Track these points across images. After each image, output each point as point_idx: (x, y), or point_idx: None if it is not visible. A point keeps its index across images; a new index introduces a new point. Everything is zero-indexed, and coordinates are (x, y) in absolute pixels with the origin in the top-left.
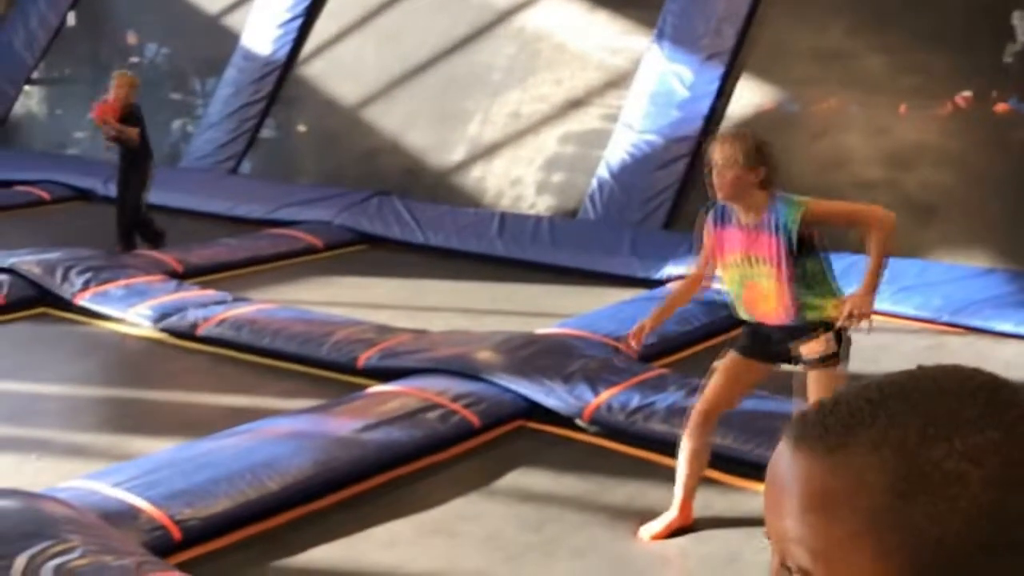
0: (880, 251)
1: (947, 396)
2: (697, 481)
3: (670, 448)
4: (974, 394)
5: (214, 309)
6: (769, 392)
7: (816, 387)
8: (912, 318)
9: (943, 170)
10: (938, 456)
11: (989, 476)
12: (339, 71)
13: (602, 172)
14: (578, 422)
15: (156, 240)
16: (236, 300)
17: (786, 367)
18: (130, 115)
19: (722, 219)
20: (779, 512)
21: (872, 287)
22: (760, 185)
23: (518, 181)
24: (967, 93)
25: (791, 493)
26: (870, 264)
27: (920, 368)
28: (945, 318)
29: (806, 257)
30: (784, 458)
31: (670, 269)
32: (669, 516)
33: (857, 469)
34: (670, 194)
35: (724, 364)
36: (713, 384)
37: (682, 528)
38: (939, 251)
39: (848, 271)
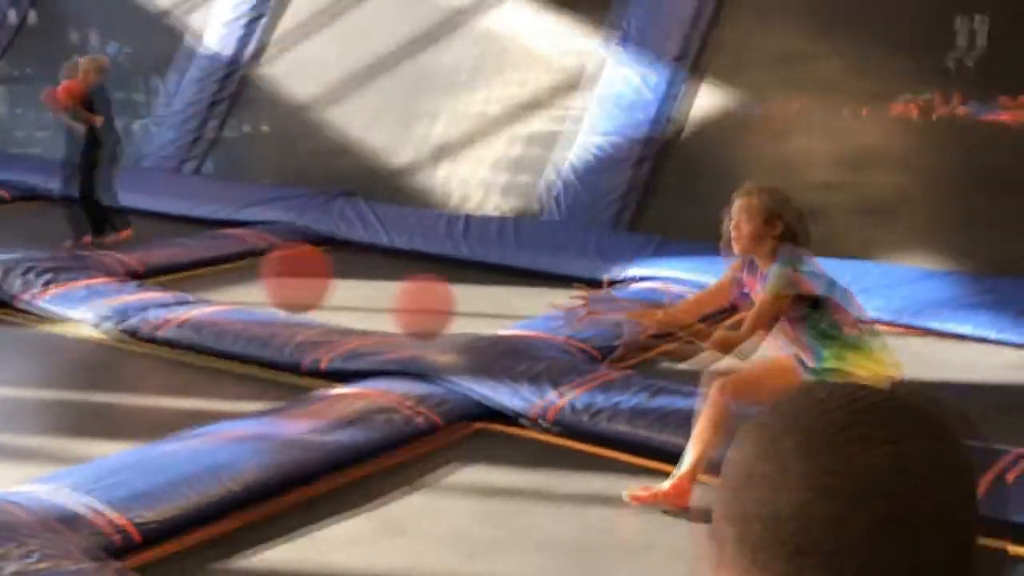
0: (742, 334)
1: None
2: (702, 460)
3: (632, 447)
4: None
5: (174, 310)
6: None
7: None
8: (868, 321)
9: (900, 172)
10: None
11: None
12: (301, 71)
13: (564, 173)
14: (539, 422)
15: (103, 230)
16: (196, 301)
17: None
18: (91, 103)
19: (751, 267)
20: None
21: (709, 337)
22: (778, 239)
23: (477, 182)
24: (925, 96)
25: None
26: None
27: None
28: (902, 319)
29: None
30: None
31: (628, 270)
32: (658, 487)
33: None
34: (632, 196)
35: (780, 358)
36: (756, 367)
37: (674, 507)
38: (893, 252)
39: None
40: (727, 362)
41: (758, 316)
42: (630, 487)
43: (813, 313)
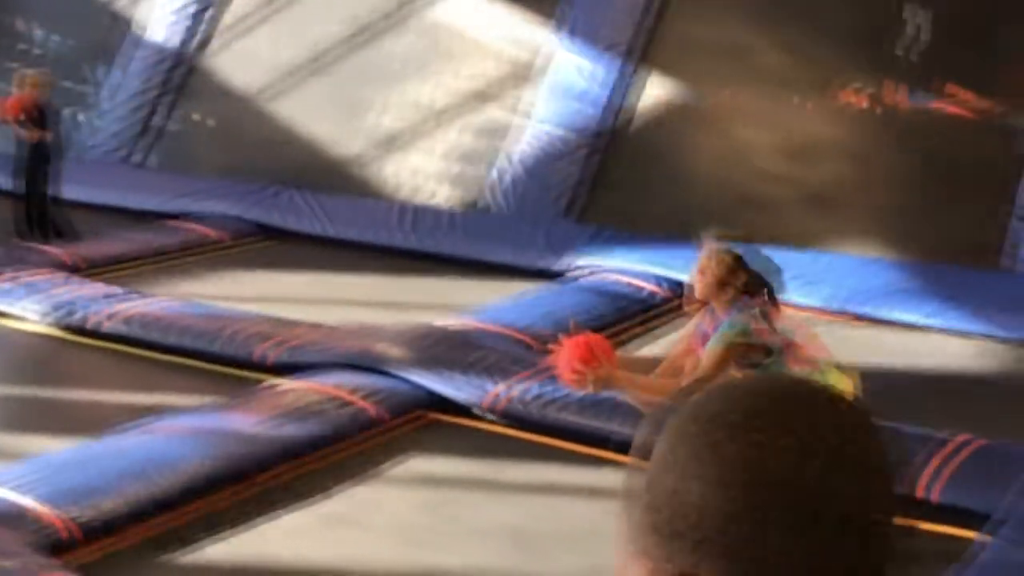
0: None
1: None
2: None
3: (573, 436)
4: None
5: (118, 304)
6: None
7: None
8: (807, 307)
9: (838, 162)
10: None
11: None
12: (247, 62)
13: (507, 164)
14: (481, 412)
15: (61, 235)
16: (137, 295)
17: None
18: (41, 114)
19: (712, 315)
20: None
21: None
22: (739, 291)
23: (424, 173)
24: (870, 86)
25: None
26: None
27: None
28: (839, 306)
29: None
30: None
31: (573, 260)
32: None
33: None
34: (573, 186)
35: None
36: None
37: None
38: (833, 241)
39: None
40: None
41: (707, 364)
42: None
43: (766, 361)
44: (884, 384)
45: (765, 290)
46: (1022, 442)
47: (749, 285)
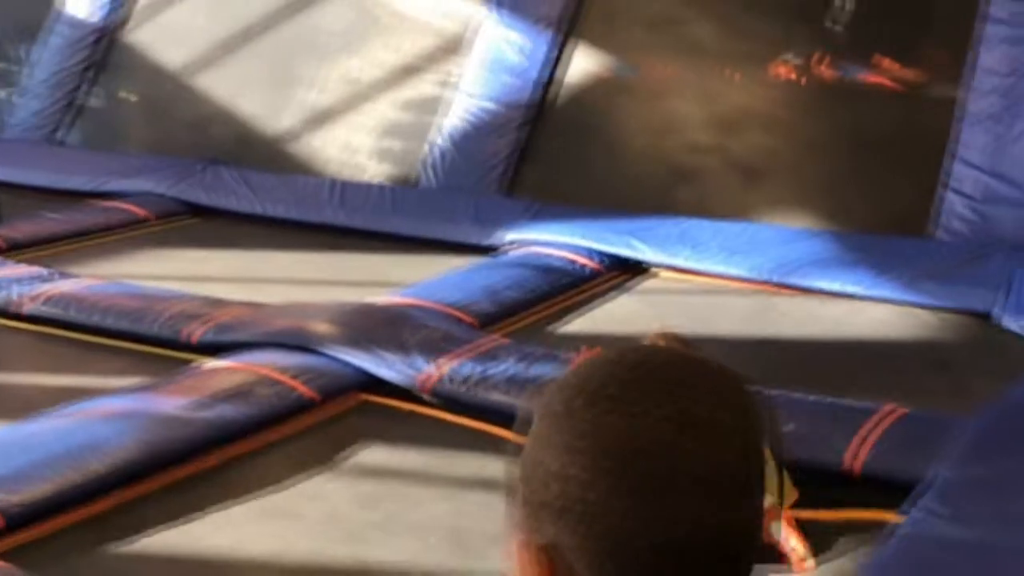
0: None
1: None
2: None
3: (510, 419)
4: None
5: (38, 286)
6: None
7: None
8: (739, 279)
9: (769, 134)
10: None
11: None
12: (168, 37)
13: (440, 139)
14: (417, 393)
15: None
16: (61, 276)
17: None
18: None
19: None
20: None
21: None
22: None
23: (353, 148)
24: (793, 58)
25: None
26: None
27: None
28: (772, 278)
29: None
30: None
31: (507, 235)
32: None
33: None
34: (506, 160)
35: None
36: None
37: None
38: (765, 213)
39: (684, 234)
40: None
41: None
42: None
43: None
44: (813, 354)
45: None
46: (950, 411)
47: None
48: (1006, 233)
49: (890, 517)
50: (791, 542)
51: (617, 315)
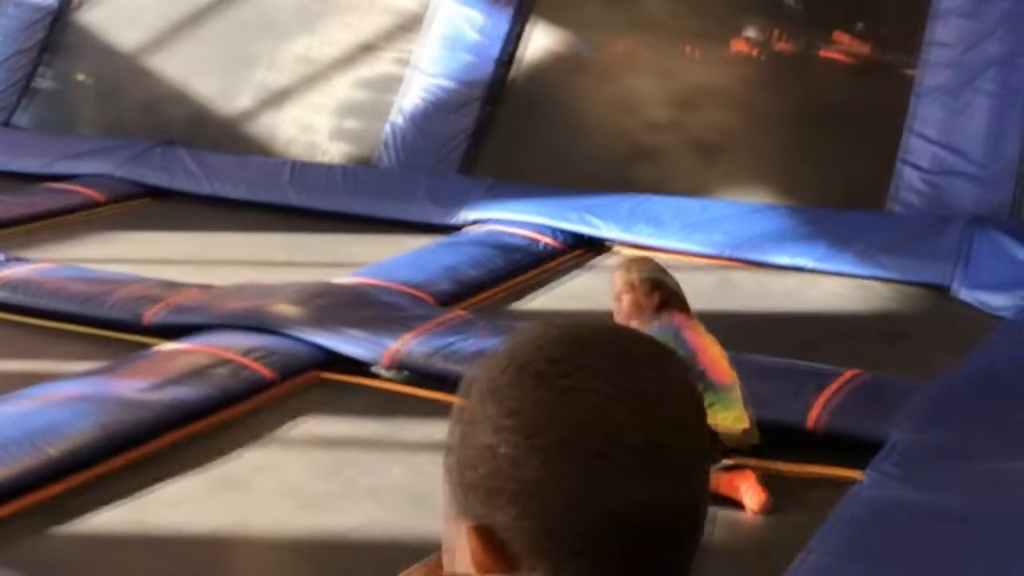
0: None
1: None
2: None
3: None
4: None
5: None
6: None
7: None
8: (698, 254)
9: (726, 110)
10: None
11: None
12: (120, 17)
13: (396, 118)
14: (376, 369)
15: None
16: (11, 260)
17: None
18: None
19: None
20: None
21: None
22: (656, 309)
23: (310, 128)
24: (751, 34)
25: None
26: None
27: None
28: (729, 253)
29: None
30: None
31: (467, 214)
32: None
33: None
34: (465, 139)
35: None
36: None
37: None
38: (722, 189)
39: (643, 211)
40: None
41: None
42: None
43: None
44: (771, 327)
45: (680, 304)
46: (909, 379)
47: (665, 303)
48: (960, 205)
49: (852, 474)
50: (748, 493)
51: (577, 292)
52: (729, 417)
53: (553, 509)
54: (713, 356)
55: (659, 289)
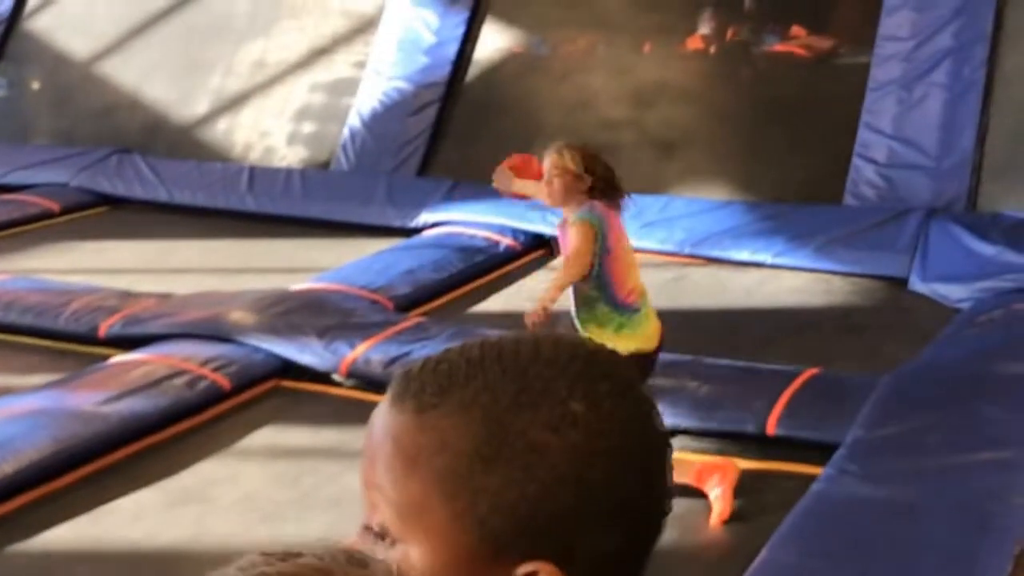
0: (556, 281)
1: (544, 364)
2: None
3: None
4: (569, 364)
5: None
6: None
7: None
8: (656, 251)
9: (683, 107)
10: (522, 424)
11: (569, 447)
12: (69, 24)
13: (353, 121)
14: (335, 377)
15: None
16: None
17: None
18: None
19: (564, 224)
20: (372, 465)
21: (545, 298)
22: (586, 195)
23: (267, 133)
24: (705, 29)
25: (383, 447)
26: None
27: (528, 333)
28: (687, 250)
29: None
30: (382, 411)
31: (425, 216)
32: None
33: (442, 429)
34: (422, 140)
35: None
36: None
37: None
38: (680, 186)
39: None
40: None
41: (576, 242)
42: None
43: (589, 287)
44: (728, 323)
45: (612, 193)
46: (868, 373)
47: (596, 189)
48: (916, 198)
49: (813, 470)
50: (717, 501)
51: (536, 292)
52: (639, 339)
53: (642, 519)
54: (626, 264)
55: (590, 173)
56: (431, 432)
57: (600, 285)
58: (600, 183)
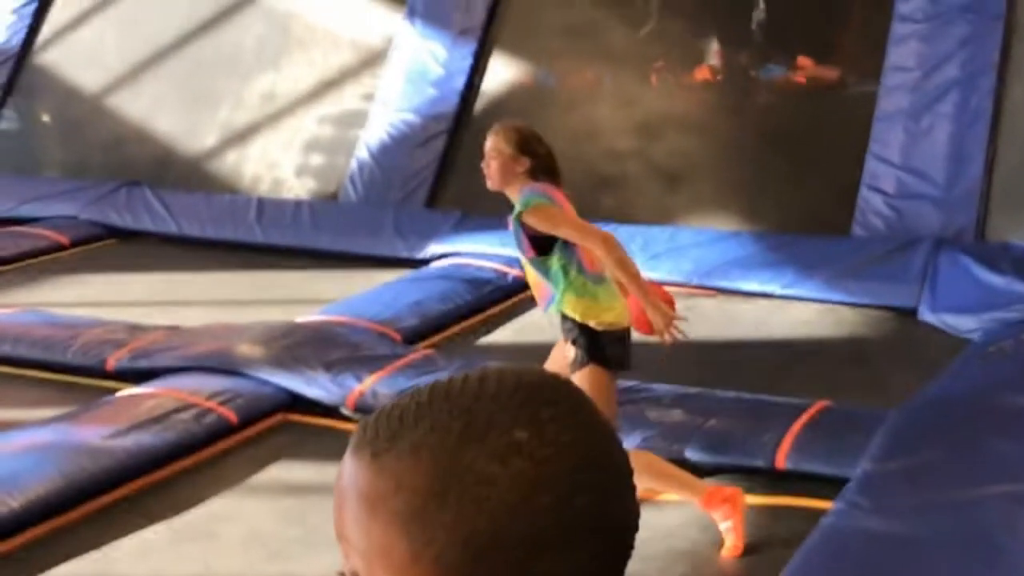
0: (622, 269)
1: (487, 399)
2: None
3: None
4: (512, 395)
5: None
6: None
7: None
8: (665, 283)
9: (690, 137)
10: (470, 459)
11: (516, 475)
12: (80, 57)
13: (361, 152)
14: (342, 411)
15: None
16: None
17: None
18: None
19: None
20: (340, 513)
21: (644, 297)
22: (525, 176)
23: (276, 165)
24: (713, 62)
25: (347, 496)
26: (623, 281)
27: (474, 370)
28: (695, 281)
29: (544, 252)
30: (344, 462)
31: (433, 248)
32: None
33: (396, 472)
34: (430, 172)
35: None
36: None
37: None
38: (687, 216)
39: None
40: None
41: (577, 227)
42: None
43: (554, 260)
44: (736, 354)
45: (552, 177)
46: (872, 406)
47: (537, 168)
48: (924, 228)
49: (823, 504)
50: (730, 533)
51: (543, 325)
52: (616, 311)
53: (603, 540)
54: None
55: (527, 155)
56: (386, 475)
57: (569, 255)
58: (539, 165)
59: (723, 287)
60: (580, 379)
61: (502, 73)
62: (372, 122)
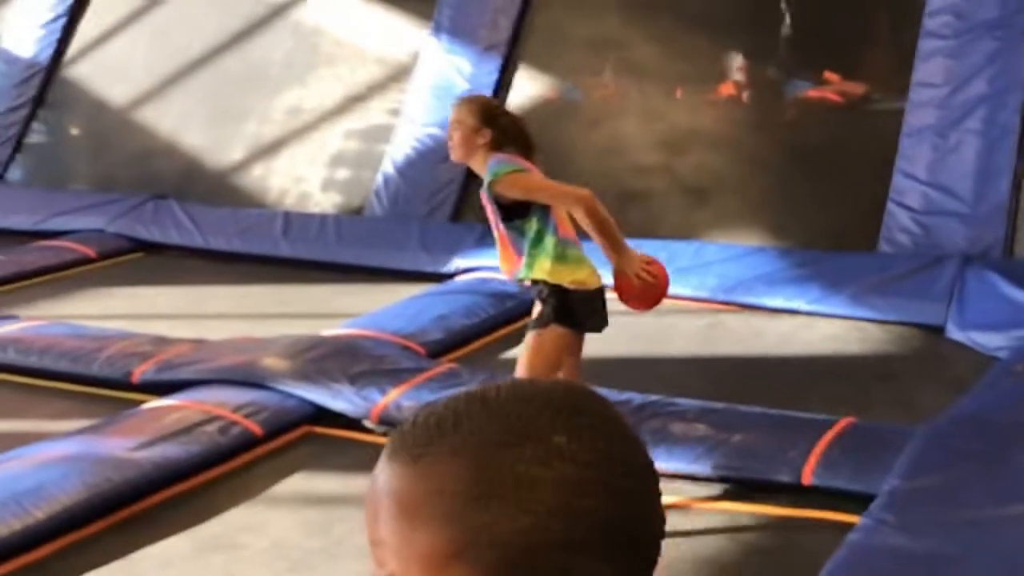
0: (601, 230)
1: (524, 403)
2: None
3: None
4: (548, 403)
5: None
6: None
7: (524, 349)
8: (689, 298)
9: (715, 153)
10: (511, 461)
11: (559, 478)
12: (108, 71)
13: (387, 167)
14: (366, 423)
15: None
16: (2, 318)
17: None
18: None
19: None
20: (375, 519)
21: (621, 253)
22: (488, 147)
23: (302, 179)
24: (740, 76)
25: (383, 502)
26: (600, 241)
27: (506, 380)
28: (720, 297)
29: (520, 218)
30: (379, 469)
31: (458, 262)
32: None
33: (436, 475)
34: (455, 187)
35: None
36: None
37: None
38: (712, 232)
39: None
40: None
41: (548, 187)
42: None
43: (530, 224)
44: (762, 370)
45: (519, 148)
46: (899, 423)
47: (500, 140)
48: (952, 245)
49: (850, 519)
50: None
51: None
52: (585, 270)
53: (634, 546)
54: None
55: (490, 126)
56: (425, 480)
57: (543, 218)
58: (503, 135)
59: (748, 303)
60: (536, 337)
61: (528, 88)
62: (398, 137)
